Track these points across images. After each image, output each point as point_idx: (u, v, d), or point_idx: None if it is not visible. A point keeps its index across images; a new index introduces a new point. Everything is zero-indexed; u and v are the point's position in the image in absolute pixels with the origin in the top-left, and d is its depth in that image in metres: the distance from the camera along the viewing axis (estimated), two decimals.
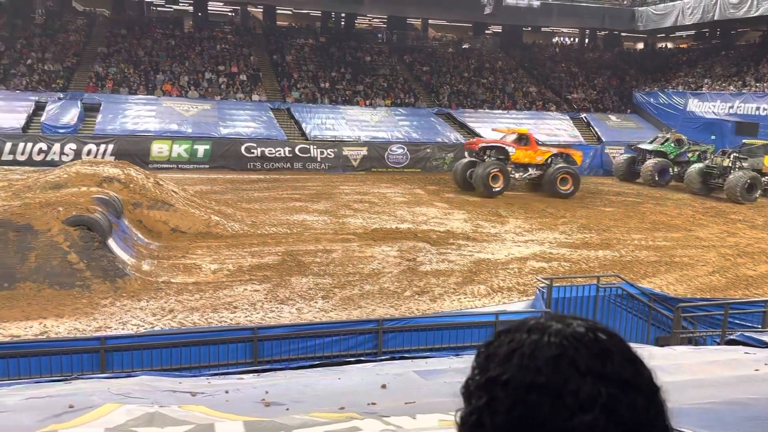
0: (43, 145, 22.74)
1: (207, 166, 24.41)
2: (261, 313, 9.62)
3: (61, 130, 23.64)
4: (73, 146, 22.93)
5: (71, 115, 24.44)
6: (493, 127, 25.75)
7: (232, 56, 32.21)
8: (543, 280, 8.91)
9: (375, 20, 41.89)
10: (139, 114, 25.88)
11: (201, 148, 24.64)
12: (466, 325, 7.53)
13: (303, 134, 26.88)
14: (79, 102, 25.53)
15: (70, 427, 3.13)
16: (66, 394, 3.69)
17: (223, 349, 6.31)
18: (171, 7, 39.48)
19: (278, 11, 37.73)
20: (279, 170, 24.65)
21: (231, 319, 9.25)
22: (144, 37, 32.23)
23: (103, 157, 22.48)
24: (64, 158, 21.83)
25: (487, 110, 31.92)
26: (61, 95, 26.04)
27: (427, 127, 28.74)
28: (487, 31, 42.16)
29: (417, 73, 34.42)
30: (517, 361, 0.74)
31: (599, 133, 30.51)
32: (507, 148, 21.07)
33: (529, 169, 21.33)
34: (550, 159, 21.47)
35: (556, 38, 46.48)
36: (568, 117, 31.95)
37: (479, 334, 7.34)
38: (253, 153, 24.92)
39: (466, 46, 39.50)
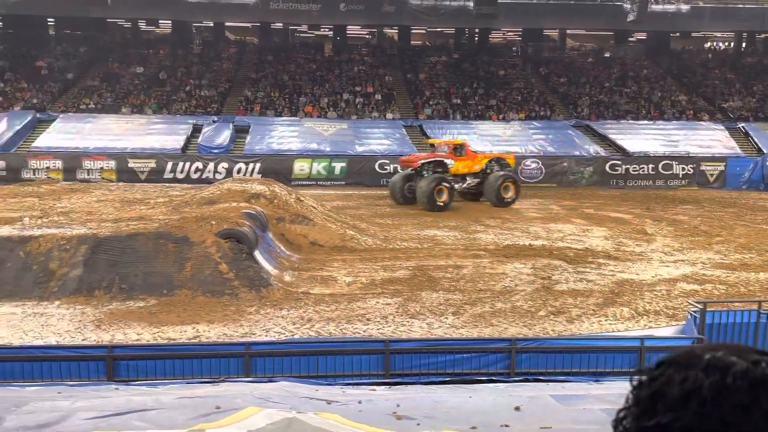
0: (200, 164, 24.87)
1: (343, 182, 25.35)
2: (392, 326, 9.74)
3: (215, 151, 25.75)
4: (225, 165, 24.84)
5: (224, 137, 26.55)
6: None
7: (368, 77, 33.30)
8: (695, 304, 8.18)
9: (509, 34, 41.35)
10: (283, 135, 27.52)
11: (338, 166, 25.66)
12: (607, 350, 7.09)
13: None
14: (230, 124, 27.69)
15: (216, 428, 3.34)
16: (213, 395, 3.94)
17: (356, 360, 6.45)
18: (312, 33, 41.67)
19: (413, 31, 38.49)
20: None
21: (364, 331, 9.46)
22: (288, 63, 34.28)
23: (251, 175, 24.13)
24: (217, 176, 23.73)
25: (630, 121, 30.22)
26: (215, 118, 28.36)
27: (563, 140, 27.75)
28: (630, 39, 40.02)
29: (553, 85, 33.44)
30: (696, 407, 0.61)
31: (760, 144, 27.68)
32: (446, 161, 20.65)
33: (467, 178, 21.03)
34: (487, 166, 21.21)
35: (708, 43, 43.01)
36: (723, 127, 29.35)
37: (622, 359, 6.88)
38: (386, 169, 25.49)
39: (607, 54, 37.76)
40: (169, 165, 24.65)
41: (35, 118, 27.34)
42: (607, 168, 26.09)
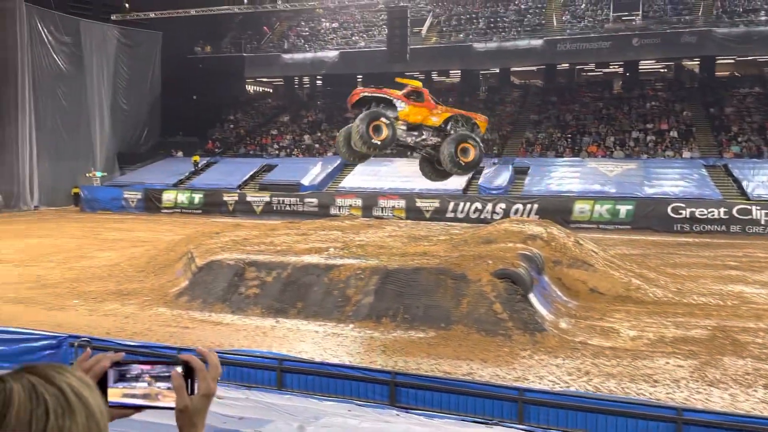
0: (479, 205, 25.64)
1: (629, 226, 23.61)
2: (685, 392, 8.57)
3: (494, 191, 26.34)
4: (503, 206, 25.18)
5: (503, 178, 27.03)
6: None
7: (662, 113, 30.83)
8: None
9: None
10: (564, 175, 26.92)
11: (623, 208, 24.02)
12: None
13: (743, 193, 23.63)
14: (510, 166, 28.09)
15: None
16: None
17: (642, 426, 5.80)
18: (601, 71, 40.29)
19: (718, 61, 34.58)
20: (711, 233, 22.09)
21: (650, 394, 8.50)
22: (573, 102, 33.61)
23: (528, 215, 24.02)
24: (495, 216, 24.16)
25: None
26: (496, 160, 29.07)
27: None
28: None
29: None
30: None
31: None
32: (394, 100, 16.13)
33: (424, 132, 16.63)
34: (448, 123, 16.67)
35: None
36: None
37: None
38: (680, 214, 23.04)
39: None
40: (451, 205, 25.91)
41: (343, 162, 31.36)
42: None
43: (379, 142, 15.70)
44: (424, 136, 17.02)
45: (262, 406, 5.58)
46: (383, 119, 15.77)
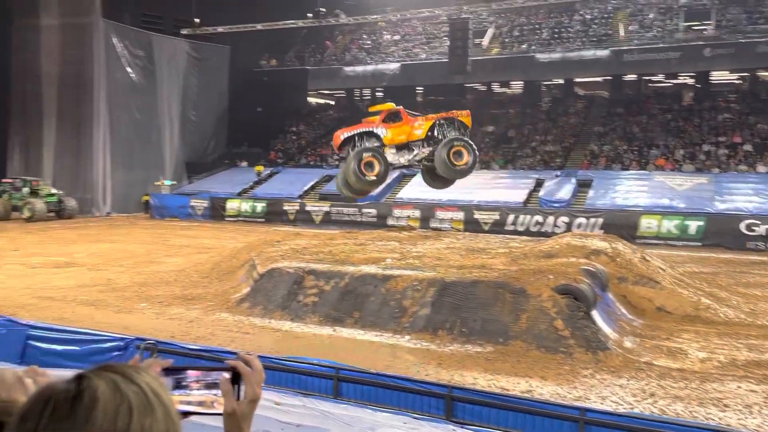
0: (540, 218, 25.17)
1: (699, 243, 22.64)
2: (758, 418, 8.11)
3: (555, 205, 25.80)
4: (565, 219, 24.62)
5: (566, 191, 26.45)
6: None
7: (735, 125, 29.52)
8: None
9: None
10: (629, 189, 26.11)
11: (693, 225, 23.08)
12: None
13: None
14: (573, 179, 27.47)
15: None
16: None
17: None
18: (670, 82, 38.98)
19: None
20: None
21: (719, 419, 8.09)
22: (640, 114, 32.64)
23: (591, 230, 23.40)
24: (556, 230, 23.65)
25: None
26: (558, 173, 28.49)
27: None
28: None
29: None
30: None
31: None
32: (375, 130, 16.54)
33: (414, 148, 16.87)
34: (434, 129, 16.80)
35: None
36: None
37: None
38: (755, 231, 21.94)
39: None
40: (511, 217, 25.54)
41: (401, 173, 31.43)
42: None
43: (375, 178, 16.15)
44: (415, 152, 17.24)
45: (319, 415, 5.63)
46: (371, 154, 16.13)
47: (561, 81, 38.47)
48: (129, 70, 33.94)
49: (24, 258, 18.97)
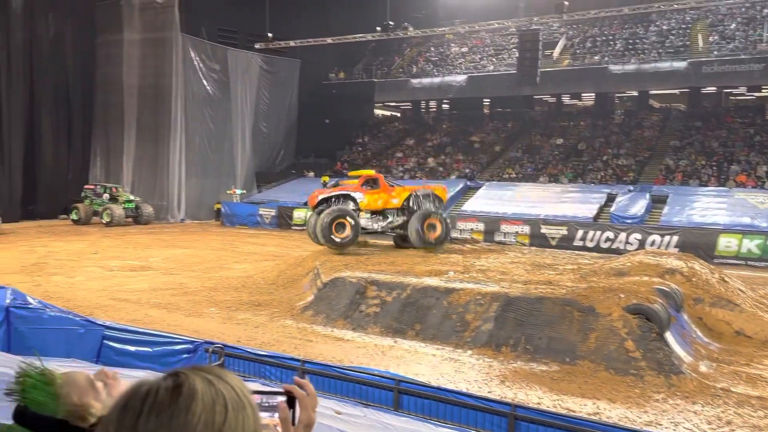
0: (610, 234, 24.34)
1: None
2: None
3: (627, 221, 24.90)
4: (638, 236, 23.71)
5: (639, 207, 25.50)
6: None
7: None
8: None
9: None
10: (707, 206, 24.92)
11: None
12: None
13: None
14: (647, 194, 26.46)
15: None
16: None
17: None
18: (752, 95, 37.10)
19: None
20: None
21: None
22: (719, 128, 31.20)
23: (666, 248, 22.43)
24: (628, 247, 22.80)
25: None
26: (631, 188, 27.52)
27: None
28: None
29: None
30: None
31: None
32: (353, 194, 17.64)
33: (389, 216, 17.95)
34: (410, 200, 18.04)
35: None
36: None
37: None
38: None
39: None
40: (580, 233, 24.83)
41: (466, 185, 31.22)
42: None
43: (339, 240, 16.74)
44: (390, 219, 18.13)
45: (380, 426, 5.60)
46: (347, 218, 16.83)
47: (635, 93, 37.29)
48: (205, 82, 35.29)
49: (102, 261, 19.95)
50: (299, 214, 31.52)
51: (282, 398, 1.24)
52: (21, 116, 31.74)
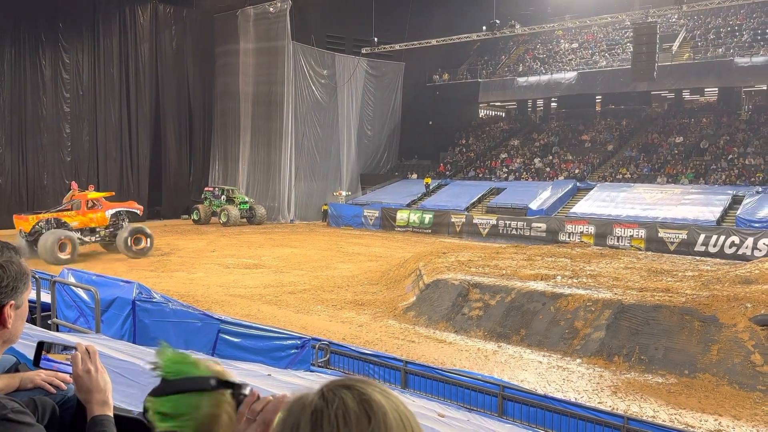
0: (736, 239, 22.51)
1: None
2: None
3: (756, 225, 22.93)
4: (767, 241, 21.77)
5: None
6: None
7: None
8: None
9: None
10: None
11: None
12: None
13: None
14: None
15: None
16: None
17: None
18: None
19: None
20: None
21: None
22: None
23: None
24: (756, 253, 21.00)
25: None
26: (760, 189, 25.34)
27: None
28: None
29: None
30: None
31: None
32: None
33: (97, 230, 21.26)
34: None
35: None
36: None
37: None
38: None
39: None
40: (702, 237, 23.16)
41: (575, 186, 30.07)
42: None
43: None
44: (97, 232, 21.31)
45: None
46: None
47: (764, 87, 34.28)
48: (314, 88, 36.50)
49: (220, 259, 21.14)
50: (402, 216, 31.78)
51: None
52: (148, 125, 34.45)
